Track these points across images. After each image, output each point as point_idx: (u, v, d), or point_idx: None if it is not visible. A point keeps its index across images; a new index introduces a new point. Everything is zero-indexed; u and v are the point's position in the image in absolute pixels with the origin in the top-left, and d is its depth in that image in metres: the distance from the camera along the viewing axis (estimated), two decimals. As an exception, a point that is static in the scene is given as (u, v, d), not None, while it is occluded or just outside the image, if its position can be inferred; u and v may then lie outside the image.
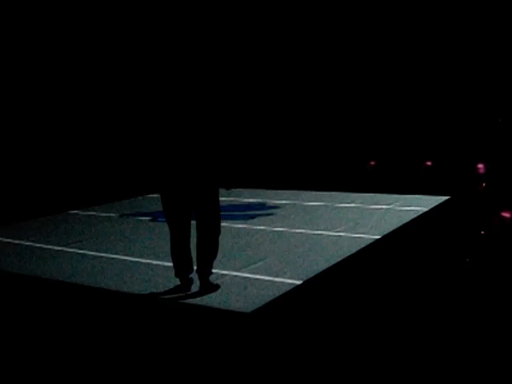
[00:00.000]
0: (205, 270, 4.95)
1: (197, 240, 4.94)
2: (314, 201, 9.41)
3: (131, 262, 6.19)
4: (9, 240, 7.70)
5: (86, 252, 6.75)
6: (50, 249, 7.04)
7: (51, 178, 11.19)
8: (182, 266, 5.00)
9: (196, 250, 4.96)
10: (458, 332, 3.83)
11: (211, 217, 4.88)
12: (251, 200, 9.82)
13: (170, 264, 5.72)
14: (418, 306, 4.37)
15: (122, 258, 6.37)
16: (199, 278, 4.98)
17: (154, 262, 6.08)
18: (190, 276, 5.08)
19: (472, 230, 6.82)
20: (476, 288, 4.73)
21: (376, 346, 3.69)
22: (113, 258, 6.37)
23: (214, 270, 5.17)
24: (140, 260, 6.23)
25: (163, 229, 7.74)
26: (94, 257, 6.50)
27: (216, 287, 5.01)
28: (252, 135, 12.93)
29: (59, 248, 7.04)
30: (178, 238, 4.95)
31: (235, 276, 5.41)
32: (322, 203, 9.13)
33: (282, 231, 7.23)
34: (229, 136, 4.82)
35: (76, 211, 9.84)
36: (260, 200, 9.81)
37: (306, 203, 9.24)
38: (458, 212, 7.95)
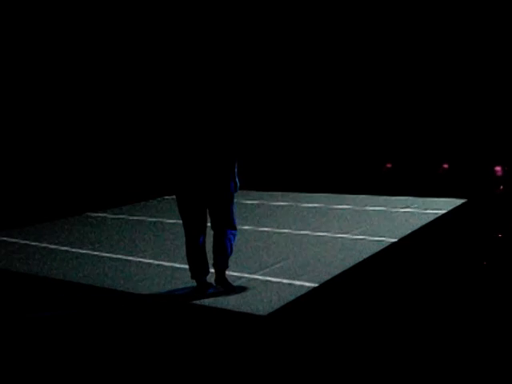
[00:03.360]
0: (222, 266, 5.03)
1: (213, 239, 5.04)
2: (329, 203, 9.39)
3: (147, 263, 6.21)
4: (26, 242, 7.76)
5: (103, 254, 6.79)
6: (67, 250, 7.09)
7: (69, 180, 11.28)
8: (197, 268, 5.03)
9: (213, 249, 5.05)
10: (476, 335, 3.80)
11: (226, 217, 4.99)
12: (256, 202, 9.82)
13: (186, 266, 5.76)
14: (435, 310, 4.34)
15: (138, 259, 6.40)
16: (216, 274, 5.05)
17: (170, 264, 6.10)
18: (207, 279, 5.11)
19: (489, 232, 6.77)
20: (493, 291, 4.70)
21: (393, 350, 3.67)
22: (129, 260, 6.40)
23: (230, 273, 5.20)
24: (156, 262, 6.25)
25: (179, 231, 7.77)
26: (111, 259, 6.53)
27: (232, 287, 5.08)
28: (267, 139, 12.94)
29: (76, 250, 7.09)
30: (194, 240, 4.98)
31: (251, 279, 5.41)
32: (338, 206, 9.11)
33: (298, 234, 7.22)
34: (241, 139, 4.90)
35: (93, 213, 9.90)
36: (278, 203, 9.81)
37: (322, 205, 9.22)
38: (475, 215, 7.89)
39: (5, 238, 8.11)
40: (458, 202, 8.73)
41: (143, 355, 3.85)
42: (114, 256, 6.65)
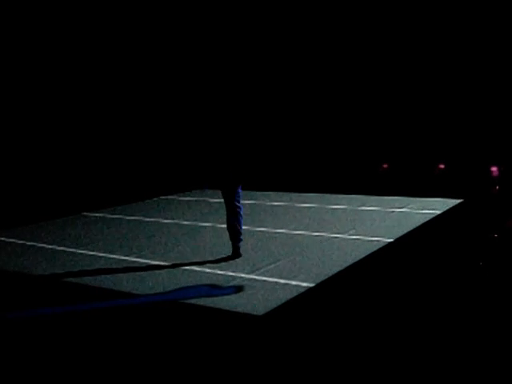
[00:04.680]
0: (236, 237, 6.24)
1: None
2: (326, 203, 9.39)
3: (142, 263, 6.20)
4: (23, 242, 7.74)
5: (98, 253, 6.77)
6: (62, 250, 7.07)
7: (65, 180, 11.26)
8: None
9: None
10: (472, 334, 3.80)
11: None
12: (252, 202, 9.82)
13: (181, 266, 5.79)
14: (431, 309, 4.34)
15: (133, 259, 6.39)
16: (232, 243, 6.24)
17: (165, 264, 6.09)
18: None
19: (485, 233, 6.77)
20: (489, 291, 4.70)
21: (389, 349, 3.67)
22: (124, 260, 6.39)
23: (227, 273, 5.22)
24: (151, 262, 6.24)
25: (176, 231, 7.76)
26: (106, 258, 6.51)
27: (239, 255, 6.22)
28: (268, 141, 12.95)
29: (71, 250, 7.07)
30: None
31: (248, 278, 5.40)
32: (335, 206, 9.11)
33: (294, 234, 7.22)
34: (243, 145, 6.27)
35: (88, 213, 9.88)
36: (271, 203, 9.80)
37: (319, 205, 9.22)
38: (471, 215, 7.90)
39: (2, 238, 8.09)
40: (454, 202, 8.73)
41: (140, 354, 3.84)
42: (111, 256, 6.63)
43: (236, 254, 6.23)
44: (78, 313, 4.78)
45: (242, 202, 6.30)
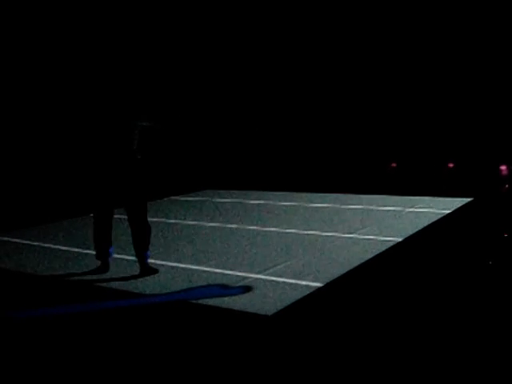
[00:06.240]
0: (141, 256, 5.77)
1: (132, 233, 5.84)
2: (335, 203, 9.38)
3: (151, 263, 6.19)
4: (30, 242, 7.76)
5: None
6: (67, 250, 7.08)
7: (72, 180, 11.29)
8: (103, 250, 5.92)
9: (133, 242, 5.80)
10: (482, 334, 3.78)
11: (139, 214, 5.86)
12: (261, 202, 9.81)
13: (190, 266, 5.77)
14: (440, 309, 4.32)
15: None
16: (139, 262, 5.80)
17: (173, 264, 6.08)
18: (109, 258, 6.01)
19: (495, 232, 6.74)
20: (499, 291, 4.67)
21: (398, 349, 3.65)
22: (128, 260, 6.39)
23: (235, 273, 5.29)
24: (160, 262, 6.24)
25: (181, 231, 7.76)
26: (112, 259, 6.51)
27: (154, 271, 5.76)
28: (274, 139, 12.95)
29: (75, 250, 7.08)
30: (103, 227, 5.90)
31: (256, 279, 5.39)
32: (344, 205, 9.09)
33: (303, 233, 7.21)
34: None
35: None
36: (281, 203, 9.79)
37: (328, 205, 9.20)
38: (481, 214, 7.86)
39: (8, 239, 8.11)
40: (464, 201, 8.70)
41: (148, 354, 3.84)
42: (118, 256, 6.63)
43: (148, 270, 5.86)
44: (86, 313, 4.79)
45: (245, 201, 6.13)
